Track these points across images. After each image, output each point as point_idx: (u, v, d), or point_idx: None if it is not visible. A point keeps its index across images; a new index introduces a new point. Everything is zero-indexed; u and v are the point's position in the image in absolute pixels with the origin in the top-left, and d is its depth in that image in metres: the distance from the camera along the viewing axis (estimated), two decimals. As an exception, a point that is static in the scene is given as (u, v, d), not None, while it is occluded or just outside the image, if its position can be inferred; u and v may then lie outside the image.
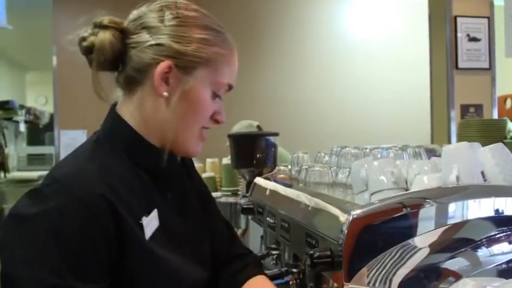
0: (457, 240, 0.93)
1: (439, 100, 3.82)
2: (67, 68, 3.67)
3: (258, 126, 3.22)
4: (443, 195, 0.92)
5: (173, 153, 0.95)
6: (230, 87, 0.97)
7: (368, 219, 0.87)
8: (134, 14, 0.95)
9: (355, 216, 0.87)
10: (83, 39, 0.92)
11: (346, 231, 0.85)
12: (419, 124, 4.01)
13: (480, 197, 0.93)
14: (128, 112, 0.94)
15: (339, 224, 0.88)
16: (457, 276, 0.94)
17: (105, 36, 0.90)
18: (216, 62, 0.92)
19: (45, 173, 0.92)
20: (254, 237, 1.81)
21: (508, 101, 3.82)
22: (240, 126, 3.27)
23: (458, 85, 3.71)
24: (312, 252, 0.90)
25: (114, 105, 0.97)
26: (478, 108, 3.73)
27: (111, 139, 0.93)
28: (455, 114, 3.69)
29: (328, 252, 0.89)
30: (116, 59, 0.92)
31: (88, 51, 0.92)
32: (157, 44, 0.90)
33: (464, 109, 3.71)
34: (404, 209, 0.89)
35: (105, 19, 0.92)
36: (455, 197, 0.92)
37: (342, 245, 0.85)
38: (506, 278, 0.96)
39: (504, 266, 0.97)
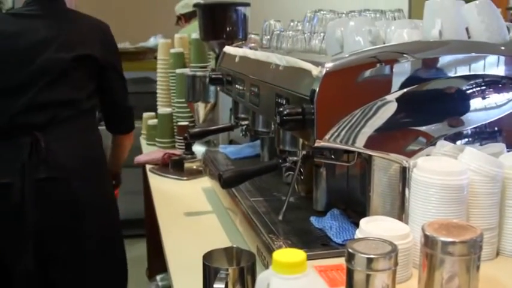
0: (430, 99, 0.89)
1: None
2: None
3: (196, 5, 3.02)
4: (422, 49, 0.86)
5: None
6: None
7: (342, 73, 0.82)
8: None
9: (328, 69, 0.81)
10: None
11: (319, 85, 0.80)
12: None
13: (461, 53, 0.88)
14: None
15: (312, 79, 0.83)
16: (428, 137, 0.93)
17: None
18: None
19: None
20: (223, 110, 1.76)
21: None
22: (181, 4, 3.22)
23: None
24: (281, 109, 0.85)
25: None
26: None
27: None
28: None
29: (299, 110, 0.84)
30: None
31: None
32: None
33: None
34: (378, 64, 0.83)
35: None
36: (434, 52, 0.86)
37: (315, 100, 0.80)
38: (481, 142, 0.95)
39: (476, 129, 0.95)
